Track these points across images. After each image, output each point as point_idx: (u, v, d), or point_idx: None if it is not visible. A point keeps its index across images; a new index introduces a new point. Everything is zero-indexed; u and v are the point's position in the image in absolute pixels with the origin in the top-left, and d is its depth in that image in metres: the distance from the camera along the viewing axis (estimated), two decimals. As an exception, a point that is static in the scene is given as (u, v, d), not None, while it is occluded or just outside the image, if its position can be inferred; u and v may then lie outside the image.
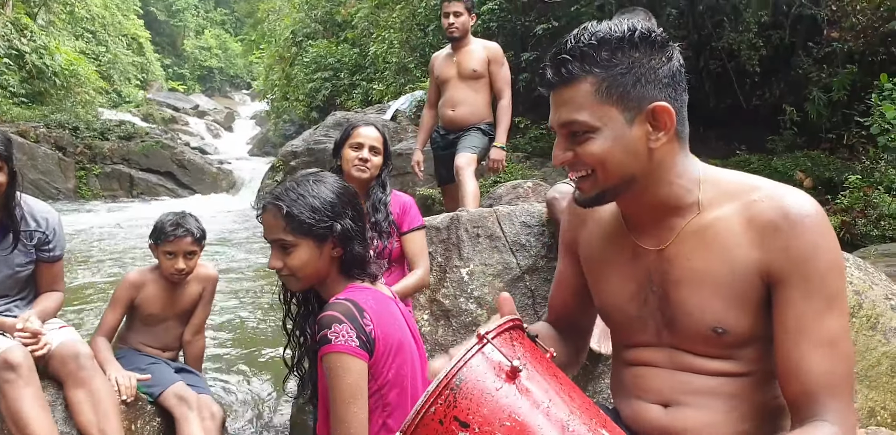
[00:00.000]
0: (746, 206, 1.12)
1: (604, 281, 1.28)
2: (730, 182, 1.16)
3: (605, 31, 1.08)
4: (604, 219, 1.29)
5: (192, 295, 2.61)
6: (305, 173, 1.64)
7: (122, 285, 2.52)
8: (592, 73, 1.08)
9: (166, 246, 2.45)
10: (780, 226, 1.08)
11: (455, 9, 3.84)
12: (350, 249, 1.56)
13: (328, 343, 1.42)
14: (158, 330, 2.59)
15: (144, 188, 14.66)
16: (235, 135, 24.63)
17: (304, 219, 1.51)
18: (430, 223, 2.83)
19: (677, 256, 1.16)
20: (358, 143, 2.47)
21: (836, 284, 1.07)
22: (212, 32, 37.71)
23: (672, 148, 1.14)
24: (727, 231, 1.12)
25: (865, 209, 6.13)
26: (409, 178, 9.96)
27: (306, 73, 15.87)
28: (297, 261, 1.53)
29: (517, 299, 2.59)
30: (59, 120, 14.83)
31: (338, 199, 1.57)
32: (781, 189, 1.13)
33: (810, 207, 1.08)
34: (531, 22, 10.28)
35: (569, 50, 1.10)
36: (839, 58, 7.99)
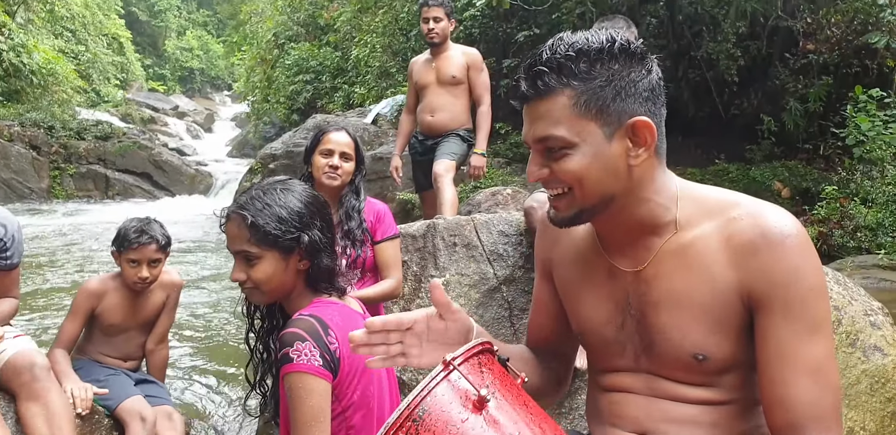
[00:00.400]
0: (725, 223, 1.07)
1: (579, 303, 1.23)
2: (708, 198, 1.12)
3: (583, 41, 1.04)
4: (578, 238, 1.24)
5: (156, 303, 2.53)
6: (273, 181, 1.57)
7: (81, 294, 2.44)
8: (570, 86, 1.03)
9: (130, 253, 2.38)
10: (759, 246, 1.03)
11: (435, 14, 3.81)
12: (317, 262, 1.50)
13: (290, 362, 1.35)
14: (119, 340, 2.51)
15: (120, 189, 14.46)
16: (215, 136, 24.41)
17: (270, 230, 1.45)
18: (406, 231, 2.78)
19: (655, 278, 1.11)
20: (328, 150, 2.42)
21: (819, 308, 1.02)
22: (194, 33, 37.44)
23: (651, 164, 1.09)
24: (706, 251, 1.07)
25: (842, 220, 6.18)
26: (388, 182, 9.91)
27: (288, 75, 15.76)
28: (262, 273, 1.47)
29: (493, 311, 2.55)
30: (34, 118, 14.59)
31: (306, 209, 1.51)
32: (761, 206, 1.08)
33: (791, 227, 1.03)
34: (513, 29, 10.30)
35: (545, 61, 1.04)
36: (815, 69, 8.09)
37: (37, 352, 2.20)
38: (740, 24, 8.27)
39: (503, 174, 9.45)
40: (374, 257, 2.47)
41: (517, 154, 10.14)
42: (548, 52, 1.05)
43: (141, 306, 2.50)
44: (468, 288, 2.58)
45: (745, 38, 8.66)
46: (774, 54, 8.67)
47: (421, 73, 3.91)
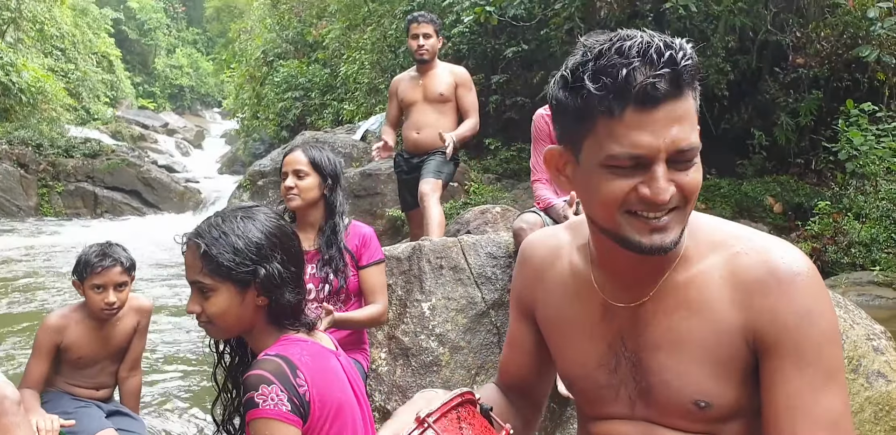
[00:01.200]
0: (730, 258, 0.99)
1: (567, 345, 1.13)
2: (712, 229, 1.03)
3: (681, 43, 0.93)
4: (565, 274, 1.14)
5: (125, 330, 2.42)
6: (237, 207, 1.46)
7: (42, 331, 2.33)
8: (694, 88, 0.94)
9: (94, 278, 2.27)
10: (767, 284, 0.94)
11: (424, 30, 3.74)
12: (276, 298, 1.39)
13: (255, 407, 1.25)
14: (91, 371, 2.40)
15: (109, 206, 14.34)
16: (205, 153, 24.31)
17: (223, 261, 1.34)
18: (391, 253, 2.69)
19: (654, 315, 1.02)
20: (283, 172, 2.35)
21: (833, 354, 0.93)
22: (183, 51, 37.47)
23: None
24: (709, 287, 0.98)
25: (835, 236, 6.13)
26: (378, 199, 9.82)
27: (277, 92, 15.72)
28: (215, 307, 1.36)
29: (482, 337, 2.45)
30: (21, 136, 14.53)
31: (266, 240, 1.39)
32: (768, 241, 1.00)
33: (802, 264, 0.95)
34: (501, 45, 10.30)
35: (688, 56, 0.92)
36: (805, 83, 8.09)
37: (8, 384, 2.09)
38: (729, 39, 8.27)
39: (493, 190, 9.39)
40: (359, 283, 2.37)
41: (507, 170, 10.10)
42: (663, 48, 0.90)
43: (109, 335, 2.39)
44: (455, 313, 2.48)
45: (734, 53, 8.66)
46: (764, 68, 8.68)
47: (407, 91, 3.82)
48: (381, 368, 2.43)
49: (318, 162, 2.37)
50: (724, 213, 7.86)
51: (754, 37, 8.38)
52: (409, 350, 2.43)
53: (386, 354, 2.47)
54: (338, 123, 13.95)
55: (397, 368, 2.43)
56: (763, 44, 8.49)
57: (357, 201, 9.96)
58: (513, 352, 1.26)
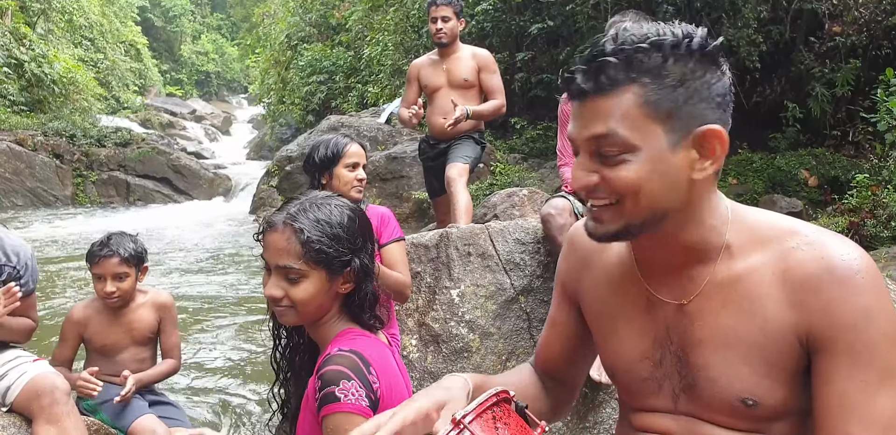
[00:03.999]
0: (782, 255, 0.94)
1: (612, 337, 1.10)
2: (761, 223, 0.98)
3: (657, 33, 0.90)
4: (611, 263, 1.11)
5: (147, 321, 2.47)
6: (323, 195, 1.42)
7: (66, 322, 2.42)
8: (639, 83, 0.90)
9: (93, 268, 2.34)
10: (823, 282, 0.90)
11: (443, 13, 3.66)
12: (363, 287, 1.39)
13: (336, 401, 1.24)
14: (120, 358, 2.46)
15: (141, 194, 14.59)
16: (233, 138, 24.51)
17: (325, 248, 1.31)
18: (419, 241, 2.68)
19: (701, 312, 0.98)
20: (354, 163, 2.39)
21: (891, 354, 0.88)
22: (208, 37, 37.68)
23: (713, 180, 0.98)
24: (759, 285, 0.94)
25: (874, 210, 5.95)
26: (404, 181, 9.82)
27: (301, 76, 15.72)
28: (304, 293, 1.33)
29: (511, 323, 2.44)
30: (56, 128, 14.82)
31: (359, 229, 1.39)
32: (823, 235, 0.95)
33: (861, 260, 0.90)
34: (525, 22, 10.13)
35: (611, 52, 0.90)
36: (842, 52, 7.82)
37: (58, 376, 2.19)
38: (761, 9, 8.03)
39: (519, 170, 9.31)
40: (382, 260, 2.38)
41: (533, 149, 10.00)
42: (613, 42, 0.91)
43: (130, 324, 2.44)
44: (484, 299, 2.47)
45: (766, 23, 8.41)
46: (798, 38, 8.41)
47: (430, 77, 3.74)
48: (413, 354, 2.44)
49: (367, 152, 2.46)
50: (757, 188, 7.70)
51: (787, 6, 8.12)
52: (440, 337, 2.43)
53: (417, 341, 2.48)
54: (363, 106, 13.93)
55: (428, 354, 2.43)
56: (797, 13, 8.22)
57: (383, 184, 9.98)
58: (552, 335, 1.25)
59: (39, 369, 2.17)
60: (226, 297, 5.57)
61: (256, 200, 11.68)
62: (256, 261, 7.24)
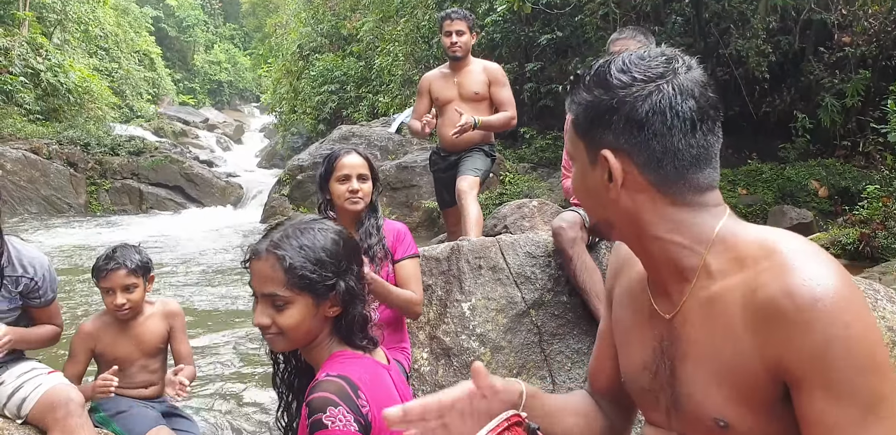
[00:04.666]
0: (752, 277, 0.90)
1: (624, 346, 1.13)
2: (749, 243, 0.94)
3: (595, 67, 1.00)
4: (634, 274, 1.13)
5: (156, 332, 2.48)
6: (307, 220, 1.44)
7: (76, 337, 2.42)
8: (571, 109, 1.03)
9: (102, 282, 2.34)
10: (783, 310, 0.84)
11: (458, 27, 3.71)
12: (350, 310, 1.40)
13: (324, 428, 1.25)
14: (132, 371, 2.47)
15: (154, 202, 14.70)
16: (245, 147, 24.66)
17: (307, 273, 1.33)
18: (430, 254, 2.71)
19: (685, 327, 0.99)
20: (345, 175, 2.36)
21: (872, 385, 0.83)
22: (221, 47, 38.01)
23: (650, 200, 0.97)
24: (732, 307, 0.91)
25: (885, 221, 5.94)
26: (414, 190, 9.87)
27: (313, 86, 15.86)
28: (290, 319, 1.35)
29: (522, 336, 2.47)
30: (70, 136, 14.99)
31: (343, 252, 1.40)
32: (797, 256, 0.88)
33: (825, 287, 0.84)
34: (535, 32, 10.21)
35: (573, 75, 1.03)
36: (851, 63, 7.83)
37: (73, 388, 2.21)
38: (770, 19, 8.05)
39: (529, 179, 9.36)
40: (395, 276, 2.39)
41: (542, 159, 10.04)
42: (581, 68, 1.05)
43: (141, 336, 2.45)
44: (495, 313, 2.50)
45: (775, 33, 8.43)
46: (807, 49, 8.43)
47: (442, 90, 3.78)
48: (424, 367, 2.47)
49: (372, 164, 2.43)
50: (767, 199, 7.69)
51: (797, 16, 8.14)
52: (451, 350, 2.46)
53: (428, 354, 2.51)
54: (373, 116, 14.02)
55: (439, 367, 2.46)
56: (806, 23, 8.24)
57: (393, 193, 10.04)
58: (599, 351, 1.25)
59: (54, 381, 2.20)
60: (233, 309, 5.58)
61: (268, 209, 11.76)
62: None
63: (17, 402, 2.16)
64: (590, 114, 0.98)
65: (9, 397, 2.19)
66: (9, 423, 2.15)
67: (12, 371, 2.28)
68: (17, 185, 13.20)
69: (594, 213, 1.07)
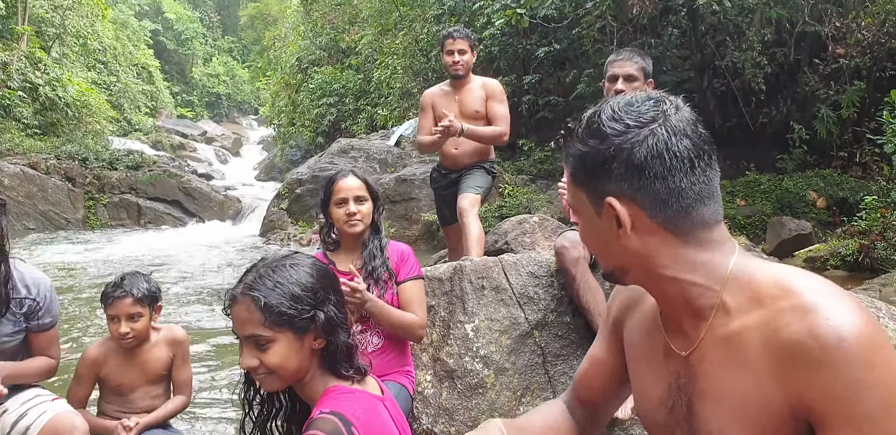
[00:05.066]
0: (773, 315, 0.90)
1: (639, 379, 1.15)
2: (766, 281, 0.95)
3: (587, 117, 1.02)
4: (647, 309, 1.15)
5: (160, 359, 2.48)
6: (279, 256, 1.46)
7: (82, 362, 2.42)
8: (568, 160, 1.04)
9: (108, 310, 2.35)
10: (808, 351, 0.85)
11: (460, 46, 3.72)
12: (334, 339, 1.41)
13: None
14: (134, 397, 2.47)
15: (152, 217, 14.69)
16: (243, 160, 24.69)
17: (284, 310, 1.34)
18: (432, 274, 2.72)
19: (702, 365, 1.00)
20: (341, 199, 2.36)
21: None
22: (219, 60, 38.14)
23: (661, 242, 0.98)
24: (751, 346, 0.92)
25: (884, 232, 5.96)
26: (413, 204, 9.88)
27: (312, 99, 15.93)
28: (276, 357, 1.36)
29: (526, 358, 2.47)
30: (68, 151, 15.00)
31: (318, 283, 1.41)
32: (818, 296, 0.89)
33: (850, 327, 0.84)
34: (532, 45, 10.27)
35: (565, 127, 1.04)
36: (846, 74, 7.89)
37: (77, 415, 2.21)
38: (766, 32, 8.12)
39: (527, 192, 9.37)
40: (398, 298, 2.39)
41: (541, 170, 10.06)
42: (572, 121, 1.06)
43: (145, 363, 2.46)
44: (499, 334, 2.50)
45: (770, 46, 8.49)
46: (802, 60, 8.49)
47: (443, 107, 3.78)
48: (427, 390, 2.47)
49: (370, 184, 2.42)
50: (766, 210, 7.71)
51: (791, 29, 8.20)
52: (454, 372, 2.45)
53: (431, 377, 2.50)
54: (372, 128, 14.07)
55: (443, 390, 2.46)
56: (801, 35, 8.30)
57: (393, 206, 10.05)
58: (591, 368, 1.28)
59: (59, 409, 2.20)
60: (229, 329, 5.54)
61: (266, 223, 11.76)
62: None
63: (22, 430, 2.16)
64: (588, 164, 0.99)
65: (13, 425, 2.18)
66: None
67: (16, 398, 2.28)
68: (15, 200, 13.19)
69: (607, 262, 1.06)
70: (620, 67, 2.83)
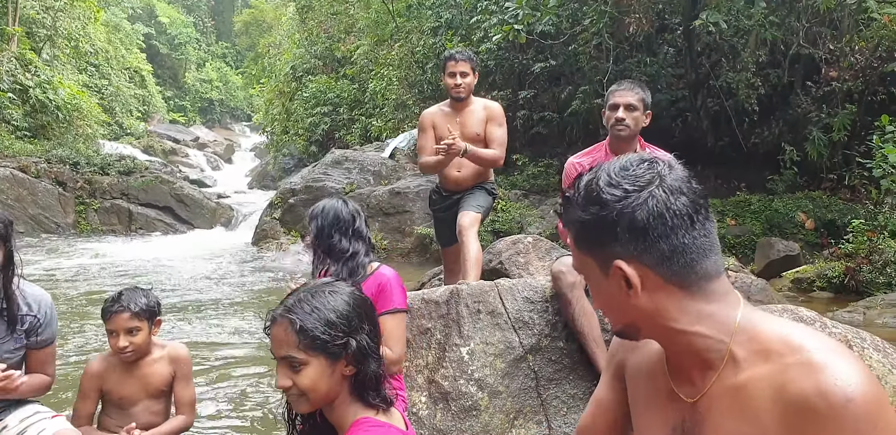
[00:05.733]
0: (780, 371, 0.94)
1: (643, 420, 1.18)
2: (772, 336, 1.00)
3: (586, 186, 1.04)
4: (653, 352, 1.18)
5: (162, 374, 2.49)
6: (320, 283, 1.51)
7: (85, 376, 2.44)
8: (571, 225, 1.07)
9: (106, 324, 2.36)
10: (814, 407, 0.89)
11: (462, 69, 3.70)
12: (364, 368, 1.44)
13: None
14: (135, 410, 2.48)
15: (143, 223, 14.59)
16: (235, 166, 24.66)
17: (318, 334, 1.38)
18: (429, 297, 2.74)
19: (710, 412, 1.03)
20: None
21: None
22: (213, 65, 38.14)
23: (669, 297, 1.02)
24: (759, 398, 0.96)
25: (870, 255, 6.04)
26: (406, 216, 9.90)
27: (306, 107, 15.96)
28: (308, 380, 1.40)
29: (520, 381, 2.49)
30: (59, 155, 14.89)
31: (354, 311, 1.44)
32: (826, 355, 0.93)
33: (856, 387, 0.89)
34: (528, 60, 10.36)
35: (563, 196, 1.08)
36: (838, 97, 8.00)
37: (75, 433, 2.21)
38: (760, 53, 8.23)
39: (521, 207, 9.41)
40: None
41: (534, 186, 10.12)
42: (568, 189, 1.08)
43: (147, 378, 2.47)
44: (493, 357, 2.52)
45: (764, 67, 8.62)
46: (796, 82, 8.61)
47: (443, 128, 3.76)
48: (422, 411, 2.49)
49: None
50: (755, 230, 7.78)
51: (786, 51, 8.32)
52: (449, 394, 2.47)
53: (426, 398, 2.52)
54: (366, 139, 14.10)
55: (437, 411, 2.47)
56: (795, 57, 8.42)
57: (386, 219, 10.06)
58: (597, 414, 1.30)
59: (58, 426, 2.20)
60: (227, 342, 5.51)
61: (259, 232, 11.73)
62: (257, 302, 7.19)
63: None
64: (592, 231, 1.03)
65: None
66: (13, 468, 2.15)
67: (15, 415, 2.28)
68: (4, 203, 13.09)
69: (618, 320, 1.09)
70: (622, 97, 2.89)
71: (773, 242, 7.02)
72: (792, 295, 6.35)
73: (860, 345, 2.39)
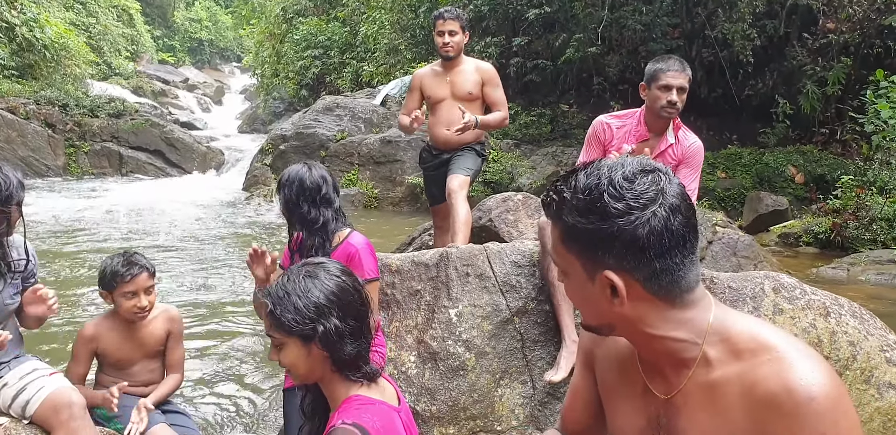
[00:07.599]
0: (751, 369, 1.01)
1: (615, 412, 1.23)
2: (743, 335, 1.05)
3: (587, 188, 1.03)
4: (620, 346, 1.22)
5: (157, 334, 2.58)
6: (304, 263, 1.57)
7: (78, 341, 2.50)
8: (558, 222, 1.07)
9: (125, 287, 2.42)
10: (781, 403, 0.96)
11: (450, 27, 3.68)
12: (336, 352, 1.49)
13: None
14: (133, 370, 2.57)
15: (134, 166, 14.55)
16: (225, 109, 24.33)
17: (285, 320, 1.46)
18: (419, 259, 2.81)
19: (685, 407, 1.09)
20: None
21: None
22: (202, 4, 36.99)
23: (651, 307, 1.06)
24: (730, 395, 1.02)
25: (857, 211, 6.13)
26: (397, 165, 9.90)
27: (296, 50, 15.64)
28: (287, 359, 1.49)
29: (506, 343, 2.59)
30: (48, 96, 14.66)
31: (324, 298, 1.48)
32: (794, 354, 0.99)
33: (820, 386, 0.95)
34: (523, 6, 10.13)
35: (555, 190, 1.07)
36: (834, 50, 7.92)
37: (74, 390, 2.29)
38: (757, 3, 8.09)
39: (511, 157, 9.41)
40: None
41: (526, 135, 10.07)
42: (561, 183, 1.07)
43: (143, 339, 2.56)
44: (481, 319, 2.62)
45: (761, 17, 8.47)
46: (792, 34, 8.49)
47: (434, 88, 3.78)
48: (411, 370, 2.59)
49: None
50: (745, 183, 7.85)
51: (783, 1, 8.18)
52: (437, 354, 2.58)
53: (415, 358, 2.62)
54: (357, 84, 13.89)
55: (426, 371, 2.58)
56: (792, 8, 8.29)
57: (377, 167, 10.05)
58: (574, 400, 1.36)
59: (57, 384, 2.27)
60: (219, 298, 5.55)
61: (249, 178, 11.72)
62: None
63: (22, 403, 2.25)
64: (586, 239, 1.03)
65: (13, 398, 2.28)
66: (16, 422, 2.25)
67: (15, 372, 2.36)
68: (-6, 145, 13.00)
69: (593, 319, 1.12)
70: (675, 78, 2.75)
71: (761, 197, 7.10)
72: (778, 250, 6.47)
73: (838, 311, 2.48)
